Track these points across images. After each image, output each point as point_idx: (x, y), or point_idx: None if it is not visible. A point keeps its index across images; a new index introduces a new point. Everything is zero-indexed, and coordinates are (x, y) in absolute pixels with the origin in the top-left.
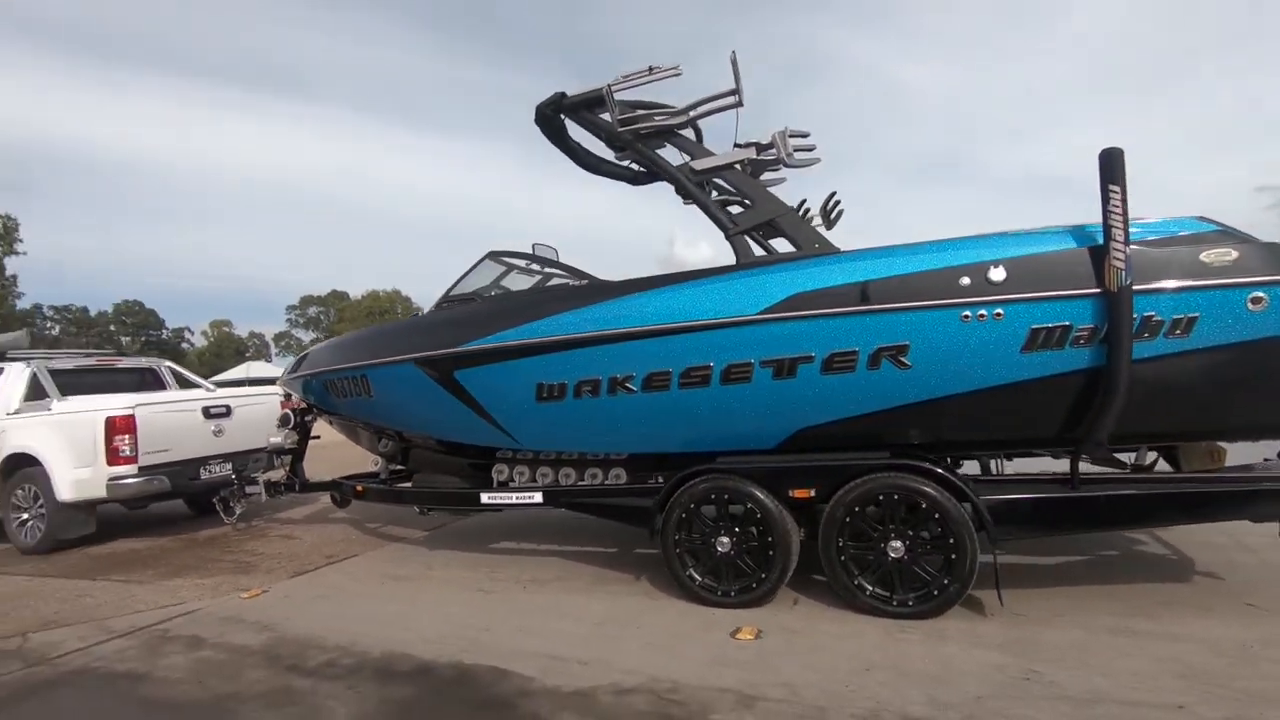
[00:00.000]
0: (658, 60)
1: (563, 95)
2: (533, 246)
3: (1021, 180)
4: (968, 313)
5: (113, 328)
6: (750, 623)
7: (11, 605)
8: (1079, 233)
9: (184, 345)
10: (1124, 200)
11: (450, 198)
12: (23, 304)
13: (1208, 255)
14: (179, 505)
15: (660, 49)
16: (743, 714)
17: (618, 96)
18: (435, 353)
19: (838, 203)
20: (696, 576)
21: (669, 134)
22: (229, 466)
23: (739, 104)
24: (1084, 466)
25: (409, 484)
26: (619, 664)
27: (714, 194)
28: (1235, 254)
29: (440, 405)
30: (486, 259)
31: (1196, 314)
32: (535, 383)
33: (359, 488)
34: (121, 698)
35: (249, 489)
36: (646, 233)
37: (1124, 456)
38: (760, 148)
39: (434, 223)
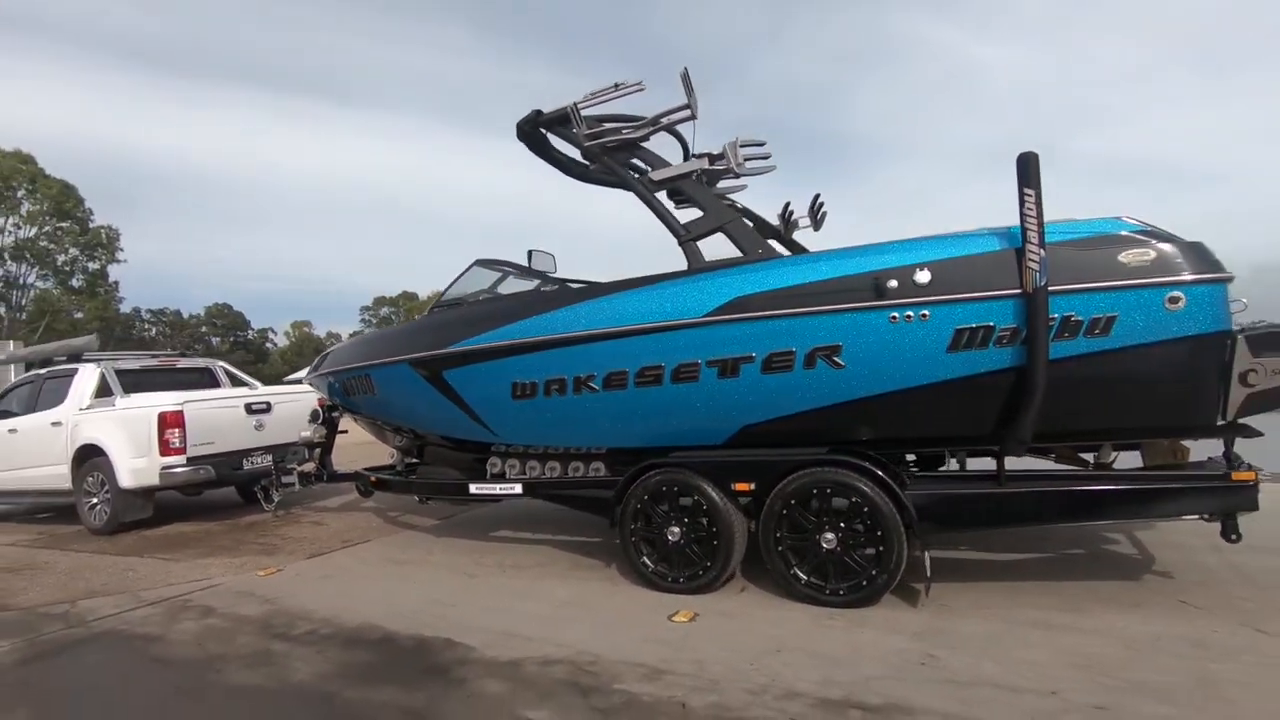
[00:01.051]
0: (705, 67)
1: (539, 112)
2: (528, 254)
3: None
4: (895, 314)
5: (204, 329)
6: (693, 607)
7: (69, 577)
8: (1002, 235)
9: (268, 345)
10: (1038, 203)
11: (521, 198)
12: (123, 308)
13: (1126, 256)
14: (232, 493)
15: (727, 39)
16: (645, 684)
17: (586, 112)
18: (425, 354)
19: (822, 204)
20: (649, 564)
21: (633, 146)
22: (269, 458)
23: (693, 116)
24: (1047, 463)
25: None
26: (558, 640)
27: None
28: (1153, 254)
29: (433, 403)
30: (475, 266)
31: (1115, 314)
32: (511, 382)
33: (373, 479)
34: (135, 655)
35: (285, 479)
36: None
37: (1087, 455)
38: (712, 158)
39: (506, 223)
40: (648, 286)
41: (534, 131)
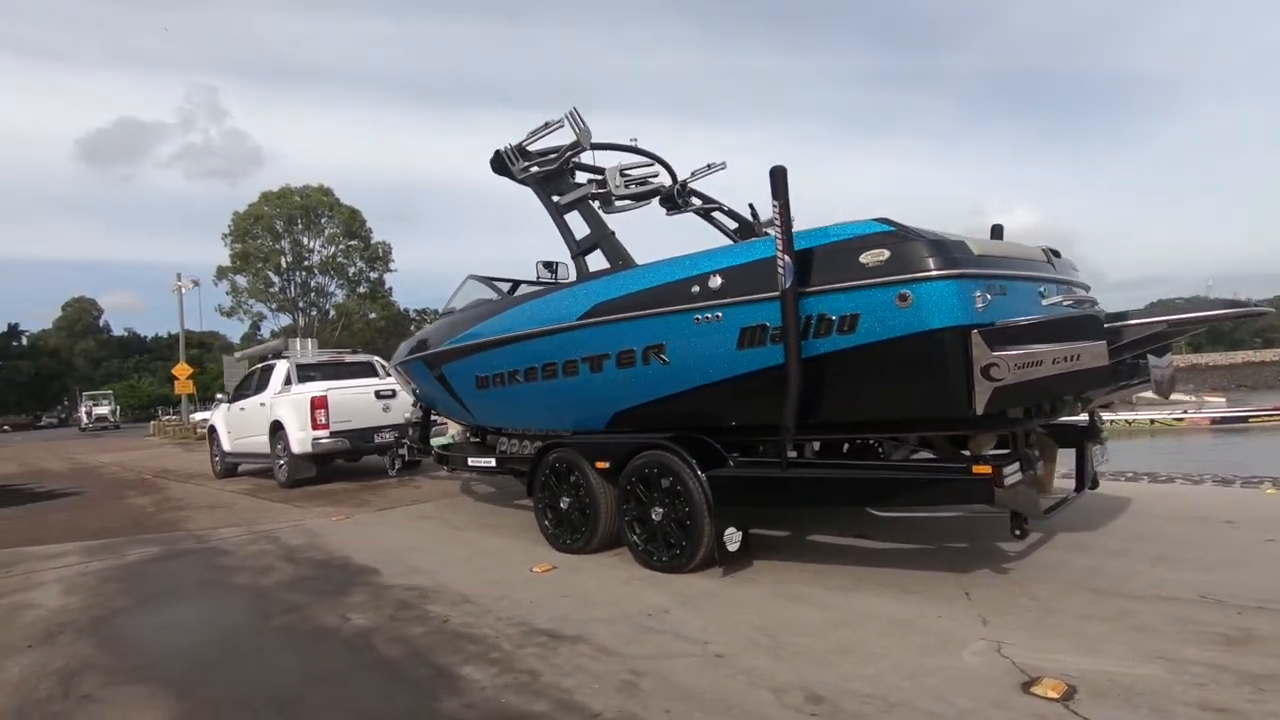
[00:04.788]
0: None
1: (497, 152)
2: (536, 265)
3: None
4: (699, 316)
5: None
6: (562, 564)
7: (233, 513)
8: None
9: None
10: (784, 211)
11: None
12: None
13: (865, 257)
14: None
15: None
16: (441, 605)
17: (532, 147)
18: (426, 353)
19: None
20: (550, 527)
21: (556, 175)
22: (392, 434)
23: (584, 148)
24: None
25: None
26: (436, 576)
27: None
28: (887, 254)
29: (440, 392)
30: (469, 280)
31: (858, 312)
32: (475, 375)
33: (433, 452)
34: (205, 560)
35: (400, 451)
36: (947, 201)
37: None
38: (599, 183)
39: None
40: (547, 296)
41: (502, 168)
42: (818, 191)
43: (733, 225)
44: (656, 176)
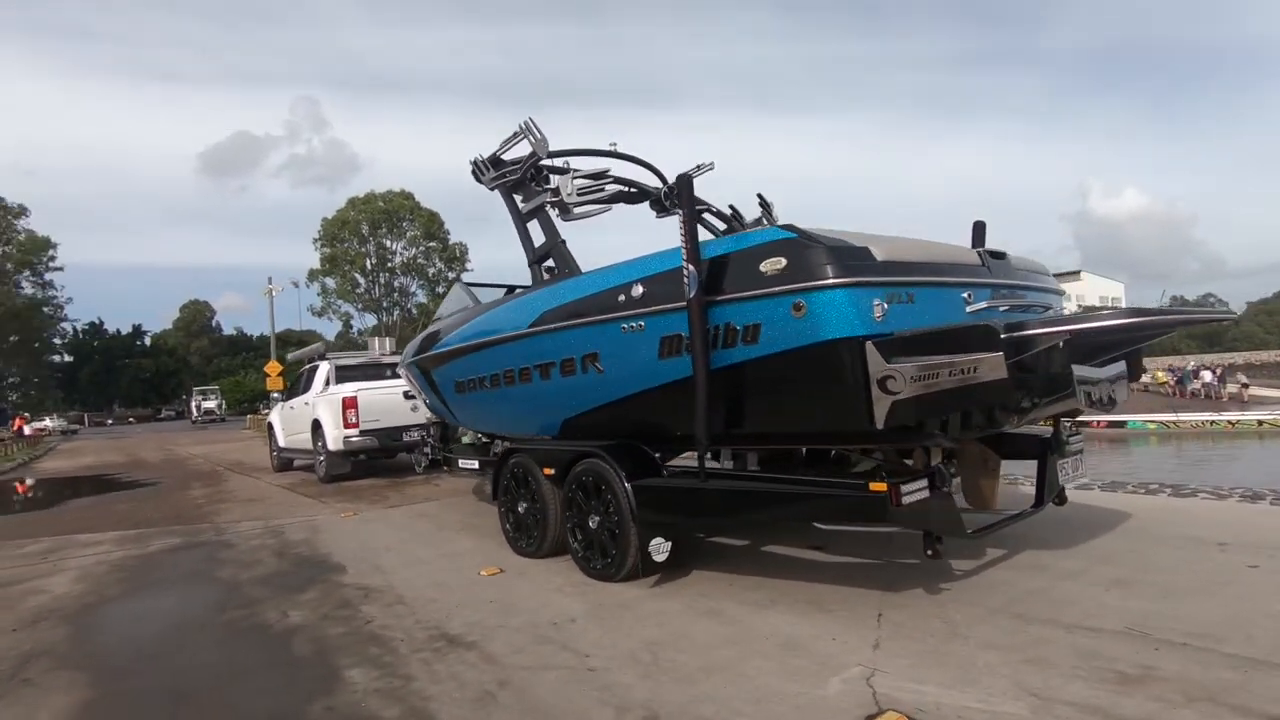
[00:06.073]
0: None
1: (472, 161)
2: (532, 269)
3: None
4: (625, 325)
5: None
6: (511, 565)
7: (262, 506)
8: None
9: None
10: (689, 220)
11: (800, 177)
12: None
13: (765, 265)
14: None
15: None
16: (383, 610)
17: (506, 156)
18: (418, 357)
19: (768, 204)
20: (510, 530)
21: (519, 184)
22: (419, 433)
23: (540, 157)
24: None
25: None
26: (391, 576)
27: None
28: (784, 262)
29: (432, 395)
30: (456, 286)
31: (760, 322)
32: (454, 380)
33: (442, 454)
34: (210, 552)
35: (424, 449)
36: (1045, 188)
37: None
38: (553, 192)
39: (805, 203)
40: (506, 304)
41: (478, 179)
42: (899, 181)
43: (723, 227)
44: (608, 182)
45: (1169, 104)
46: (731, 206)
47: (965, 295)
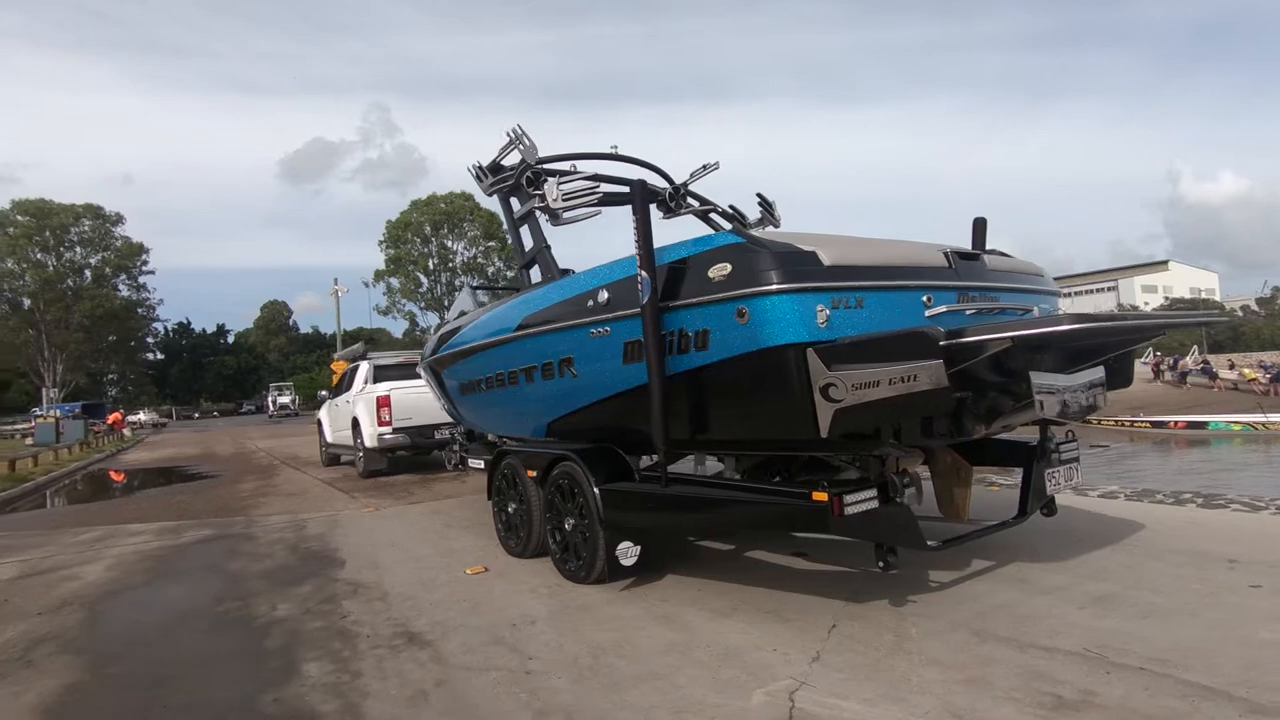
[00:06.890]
0: None
1: (470, 169)
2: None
3: None
4: (594, 330)
5: None
6: (497, 564)
7: (298, 500)
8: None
9: None
10: (642, 226)
11: (879, 167)
12: None
13: (713, 271)
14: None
15: None
16: (362, 606)
17: (506, 162)
18: (429, 360)
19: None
20: (501, 529)
21: (515, 190)
22: (450, 431)
23: (529, 163)
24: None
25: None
26: (383, 573)
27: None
28: (730, 268)
29: (442, 395)
30: (464, 289)
31: (709, 328)
32: (458, 381)
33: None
34: (232, 544)
35: (454, 447)
36: (1134, 175)
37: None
38: (542, 197)
39: (867, 195)
40: (496, 308)
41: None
42: (979, 170)
43: (728, 227)
44: (596, 188)
45: (1275, 77)
46: (732, 206)
47: (925, 299)
